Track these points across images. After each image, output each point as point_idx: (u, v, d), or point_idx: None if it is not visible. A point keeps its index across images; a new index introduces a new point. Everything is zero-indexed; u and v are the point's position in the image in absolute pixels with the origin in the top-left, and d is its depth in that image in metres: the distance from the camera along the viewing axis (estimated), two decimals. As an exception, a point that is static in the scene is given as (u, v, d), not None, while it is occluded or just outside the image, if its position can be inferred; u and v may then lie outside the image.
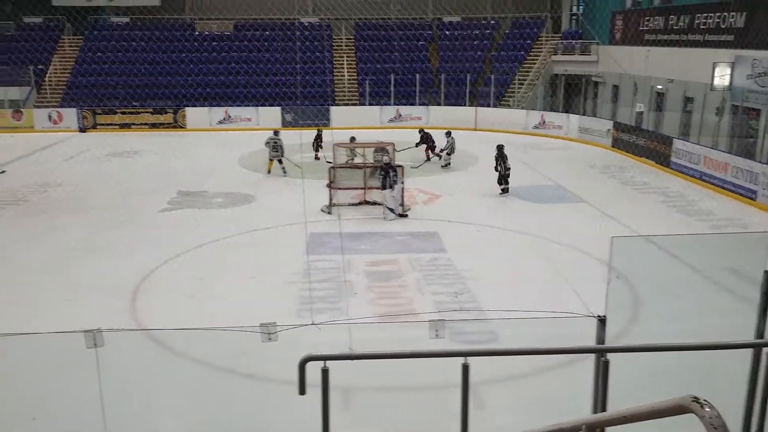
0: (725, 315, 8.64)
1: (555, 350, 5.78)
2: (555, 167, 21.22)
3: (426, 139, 21.98)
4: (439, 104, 30.85)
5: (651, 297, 9.72)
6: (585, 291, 9.25)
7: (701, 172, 18.84)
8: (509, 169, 17.33)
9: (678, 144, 20.41)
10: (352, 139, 20.22)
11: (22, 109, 29.55)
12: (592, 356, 5.75)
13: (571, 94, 30.56)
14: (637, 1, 27.52)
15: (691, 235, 12.96)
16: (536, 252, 12.77)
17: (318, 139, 21.96)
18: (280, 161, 19.84)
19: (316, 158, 21.61)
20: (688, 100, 22.66)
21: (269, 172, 20.11)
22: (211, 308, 9.79)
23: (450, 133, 21.56)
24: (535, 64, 31.70)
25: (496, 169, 17.31)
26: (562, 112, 28.76)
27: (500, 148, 17.44)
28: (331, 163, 19.39)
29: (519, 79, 31.32)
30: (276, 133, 20.50)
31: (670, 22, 23.76)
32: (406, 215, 15.30)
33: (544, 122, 28.05)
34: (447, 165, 21.23)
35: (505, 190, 17.35)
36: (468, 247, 12.99)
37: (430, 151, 21.90)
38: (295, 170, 19.16)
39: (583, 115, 28.08)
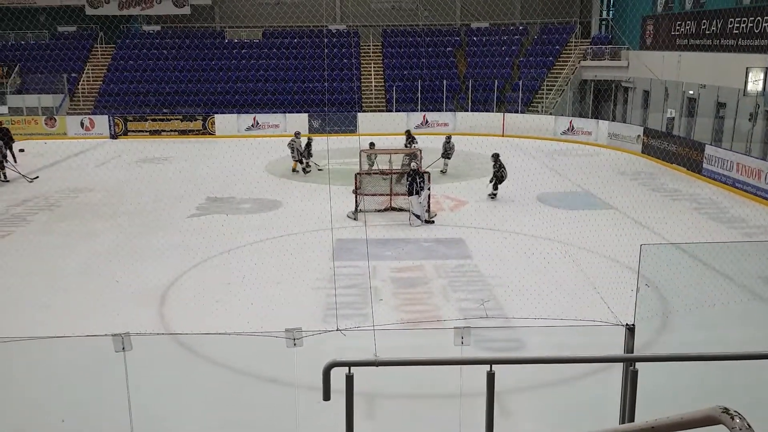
0: (757, 324, 8.47)
1: (582, 359, 5.70)
2: (584, 174, 20.99)
3: (409, 141, 21.98)
4: (466, 110, 30.78)
5: (681, 305, 9.55)
6: (613, 299, 9.13)
7: (734, 179, 18.51)
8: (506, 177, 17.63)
9: (710, 150, 20.08)
10: (372, 144, 20.24)
11: (55, 116, 30.18)
12: (619, 365, 5.67)
13: (600, 99, 30.27)
14: (668, 5, 27.18)
15: (722, 243, 12.73)
16: (564, 259, 12.63)
17: (308, 147, 21.96)
18: (300, 161, 21.04)
19: (307, 166, 21.82)
20: (720, 105, 22.29)
21: (293, 170, 21.38)
22: (237, 313, 9.84)
23: (450, 138, 21.47)
24: (563, 69, 31.47)
25: (496, 175, 17.50)
26: (591, 117, 28.50)
27: (498, 155, 17.64)
28: (309, 171, 21.16)
29: (547, 85, 31.13)
30: (297, 134, 21.55)
31: (702, 27, 23.41)
32: (433, 221, 15.26)
33: (572, 128, 27.81)
34: (443, 171, 20.95)
35: (495, 195, 17.59)
36: (494, 254, 12.90)
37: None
38: (320, 175, 19.33)
39: (613, 120, 27.79)
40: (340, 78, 32.90)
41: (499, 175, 17.50)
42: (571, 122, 27.96)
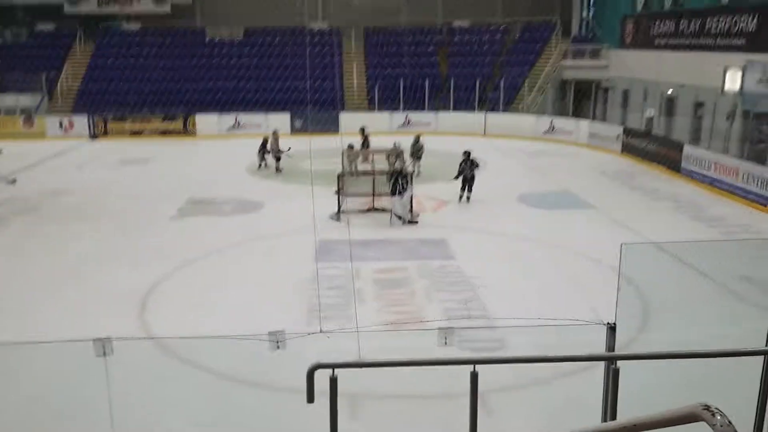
0: (737, 322, 8.57)
1: (564, 358, 5.73)
2: (565, 173, 21.15)
3: (364, 141, 22.10)
4: (448, 110, 30.84)
5: (661, 304, 9.65)
6: (595, 298, 9.20)
7: (712, 178, 18.73)
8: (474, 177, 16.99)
9: (688, 150, 20.30)
10: (351, 146, 20.12)
11: (33, 117, 29.74)
12: (601, 364, 5.72)
13: (580, 99, 30.45)
14: (647, 4, 27.44)
15: (702, 242, 12.88)
16: (546, 259, 12.72)
17: (264, 145, 22.08)
18: (277, 159, 21.34)
19: (259, 167, 21.97)
20: (698, 105, 22.54)
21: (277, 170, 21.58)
22: (219, 316, 9.81)
23: (418, 138, 21.03)
24: (544, 68, 31.64)
25: (464, 175, 16.88)
26: (571, 117, 28.68)
27: (470, 153, 17.07)
28: (281, 170, 21.14)
29: (529, 84, 31.28)
30: (274, 133, 21.75)
31: (681, 27, 23.65)
32: (416, 222, 15.27)
33: (553, 128, 27.97)
34: (414, 172, 19.67)
35: (468, 198, 17.01)
36: (477, 254, 12.95)
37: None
38: (303, 176, 19.30)
39: (593, 120, 27.99)
40: (323, 77, 32.81)
41: (467, 175, 16.85)
42: (551, 122, 28.12)
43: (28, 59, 32.43)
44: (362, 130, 22.45)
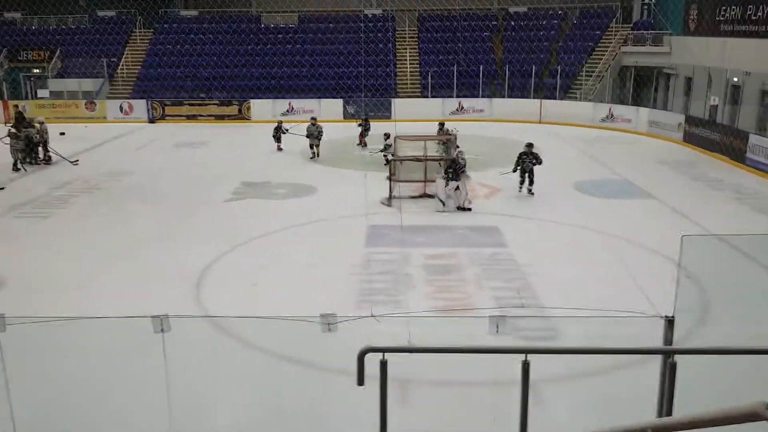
0: (803, 319, 8.24)
1: (620, 350, 5.61)
2: (623, 162, 20.64)
3: (364, 125, 23.10)
4: (503, 96, 30.43)
5: (722, 298, 9.33)
6: (653, 290, 8.97)
7: (778, 169, 17.99)
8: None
9: (754, 139, 19.53)
10: (386, 135, 20.18)
11: (95, 101, 30.70)
12: (658, 358, 5.56)
13: (641, 86, 29.62)
14: (713, -10, 26.40)
15: (766, 235, 12.40)
16: (602, 249, 12.44)
17: (278, 131, 22.69)
18: (311, 146, 21.31)
19: (279, 149, 22.58)
20: (765, 93, 21.66)
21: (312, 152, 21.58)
22: (272, 297, 9.94)
23: (443, 125, 21.25)
24: (603, 55, 30.87)
25: (525, 169, 16.16)
26: (631, 105, 27.94)
27: (532, 145, 16.40)
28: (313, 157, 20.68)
29: (587, 71, 30.58)
30: (313, 119, 21.83)
31: (749, 12, 22.70)
32: (470, 209, 15.08)
33: (612, 115, 27.32)
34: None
35: (530, 191, 16.32)
36: (530, 243, 12.77)
37: (361, 137, 23.09)
38: (354, 161, 19.30)
39: (654, 108, 27.20)
40: (376, 63, 32.76)
41: (526, 167, 16.12)
42: (610, 109, 27.48)
43: (90, 45, 33.38)
44: (365, 120, 23.45)
